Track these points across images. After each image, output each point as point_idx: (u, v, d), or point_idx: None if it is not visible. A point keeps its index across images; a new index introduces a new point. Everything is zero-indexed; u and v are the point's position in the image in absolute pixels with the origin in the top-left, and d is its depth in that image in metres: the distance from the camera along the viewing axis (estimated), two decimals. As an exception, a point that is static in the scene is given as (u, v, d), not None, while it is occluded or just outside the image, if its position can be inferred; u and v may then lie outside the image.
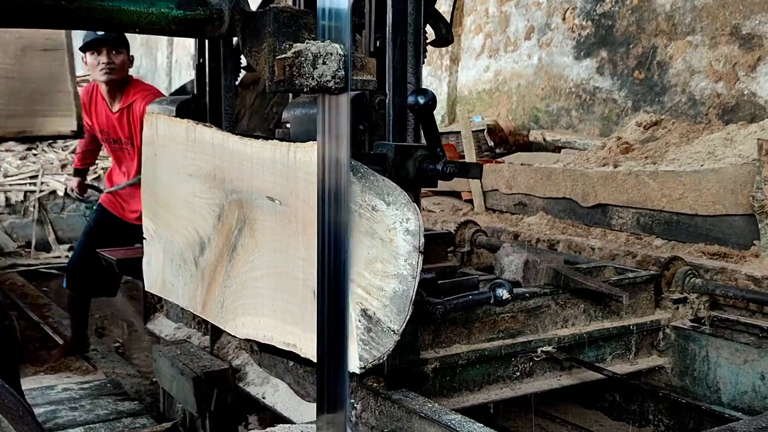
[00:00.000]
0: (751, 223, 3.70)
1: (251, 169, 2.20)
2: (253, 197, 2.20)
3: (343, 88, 1.56)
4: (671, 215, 4.14)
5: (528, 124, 6.65)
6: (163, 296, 2.88)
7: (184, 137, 2.58)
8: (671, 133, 5.02)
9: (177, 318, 4.26)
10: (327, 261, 1.71)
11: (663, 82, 5.51)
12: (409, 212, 1.87)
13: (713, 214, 3.95)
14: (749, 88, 4.87)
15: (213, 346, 3.58)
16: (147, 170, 2.88)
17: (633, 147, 4.99)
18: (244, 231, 2.26)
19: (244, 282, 2.28)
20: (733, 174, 3.85)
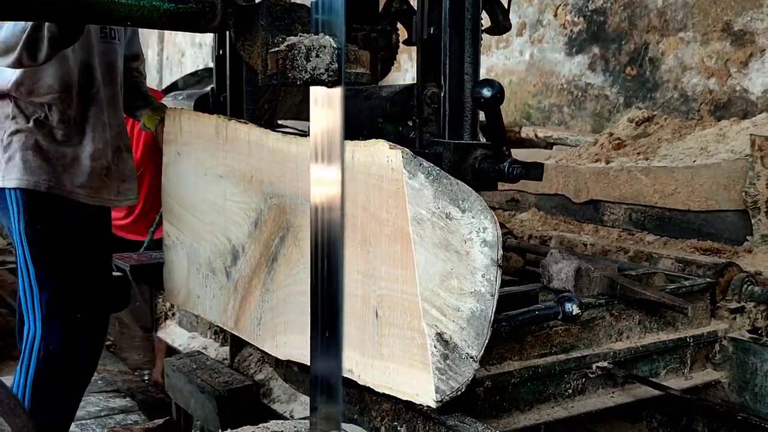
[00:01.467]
0: (743, 218, 3.69)
1: (296, 170, 1.95)
2: (298, 202, 1.96)
3: (337, 81, 1.55)
4: (663, 211, 4.12)
5: (520, 120, 6.58)
6: (187, 309, 2.63)
7: (213, 134, 2.33)
8: (663, 129, 4.98)
9: (191, 326, 4.01)
10: (320, 265, 1.66)
11: (655, 79, 5.44)
12: (486, 220, 1.63)
13: (706, 209, 3.92)
14: (741, 85, 4.89)
15: (233, 359, 3.33)
16: (169, 171, 2.63)
17: (625, 143, 4.94)
18: (287, 239, 2.01)
19: (287, 297, 2.03)
20: (725, 170, 3.82)
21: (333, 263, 1.64)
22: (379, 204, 1.68)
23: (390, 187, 1.65)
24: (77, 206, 2.91)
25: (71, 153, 2.85)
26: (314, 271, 1.66)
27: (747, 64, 4.85)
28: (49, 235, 2.82)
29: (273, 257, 2.08)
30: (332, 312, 1.66)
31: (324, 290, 1.66)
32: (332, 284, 1.65)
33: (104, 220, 3.19)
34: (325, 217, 1.64)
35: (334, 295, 1.65)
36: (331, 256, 1.64)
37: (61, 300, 2.87)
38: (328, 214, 1.64)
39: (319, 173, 1.64)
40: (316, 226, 1.64)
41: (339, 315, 1.64)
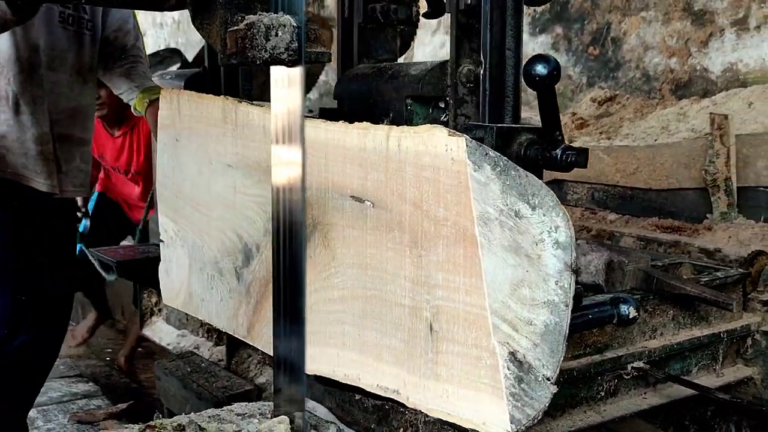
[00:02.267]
0: (703, 196, 3.76)
1: (325, 159, 1.70)
2: (327, 196, 1.71)
3: (297, 60, 1.51)
4: (625, 190, 4.15)
5: None
6: (188, 312, 2.37)
7: (219, 118, 2.06)
8: (625, 108, 5.02)
9: (180, 323, 3.74)
10: (282, 247, 1.59)
11: (617, 58, 5.42)
12: (558, 218, 1.40)
13: (667, 188, 3.96)
14: (701, 64, 4.93)
15: (230, 360, 3.08)
16: (165, 158, 2.36)
17: (588, 123, 4.97)
18: (314, 239, 1.76)
19: (314, 304, 1.79)
20: (686, 148, 3.88)
21: (295, 245, 1.59)
22: (434, 200, 1.44)
23: (449, 180, 1.41)
24: (38, 195, 2.71)
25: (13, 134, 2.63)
26: (276, 254, 1.60)
27: (707, 44, 4.87)
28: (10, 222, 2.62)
29: (296, 258, 1.83)
30: (295, 294, 1.61)
31: (287, 272, 1.60)
32: (295, 266, 1.60)
33: (69, 210, 3.01)
34: (287, 198, 1.58)
35: (297, 276, 1.60)
36: (293, 238, 1.59)
37: (26, 289, 2.68)
38: (289, 195, 1.58)
39: (280, 154, 1.57)
40: (277, 208, 1.59)
41: (302, 297, 1.60)
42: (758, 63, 4.53)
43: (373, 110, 2.13)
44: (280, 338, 1.65)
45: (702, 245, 3.35)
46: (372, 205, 1.59)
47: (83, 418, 3.29)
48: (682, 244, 3.46)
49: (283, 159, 1.58)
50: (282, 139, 1.58)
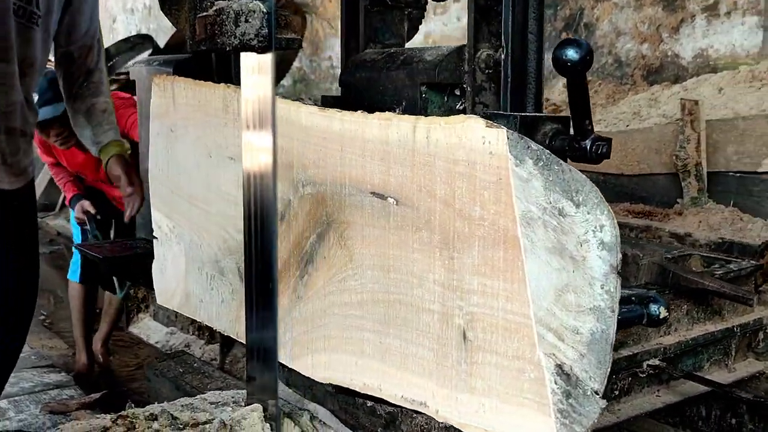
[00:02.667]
0: (674, 181, 3.80)
1: (341, 152, 1.57)
2: (344, 192, 1.58)
3: (267, 46, 1.49)
4: (597, 175, 4.14)
5: None
6: (186, 314, 2.24)
7: (220, 108, 1.92)
8: (598, 94, 5.07)
9: (168, 321, 3.60)
10: (254, 234, 1.57)
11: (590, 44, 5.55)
12: (603, 216, 1.29)
13: (638, 173, 4.00)
14: (673, 50, 5.01)
15: (224, 359, 2.95)
16: (158, 150, 2.22)
17: (561, 108, 4.96)
18: (328, 237, 1.64)
19: (328, 307, 1.66)
20: (657, 134, 3.91)
21: (267, 233, 1.56)
22: (469, 198, 1.32)
23: (487, 176, 1.29)
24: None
25: None
26: (248, 241, 1.57)
27: (678, 30, 4.94)
28: None
29: (307, 258, 1.70)
30: (267, 282, 1.58)
31: (258, 260, 1.57)
32: (266, 254, 1.57)
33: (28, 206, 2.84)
34: (258, 184, 1.55)
35: (269, 264, 1.57)
36: (264, 225, 1.56)
37: None
38: (260, 182, 1.55)
39: (251, 140, 1.55)
40: (248, 195, 1.57)
41: (274, 284, 1.57)
42: (728, 49, 4.56)
43: (384, 98, 2.00)
44: (252, 327, 1.62)
45: (673, 230, 3.36)
46: (396, 202, 1.46)
47: (55, 409, 3.17)
48: (653, 229, 3.47)
49: (255, 145, 1.55)
50: (253, 125, 1.55)
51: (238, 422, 1.65)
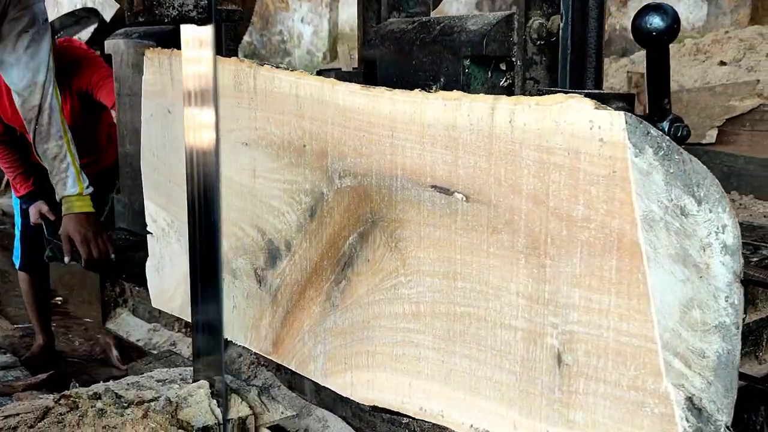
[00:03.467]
0: None
1: (392, 139, 1.33)
2: (395, 185, 1.34)
3: (207, 18, 1.44)
4: None
5: None
6: (187, 319, 1.98)
7: (230, 85, 1.66)
8: None
9: (150, 316, 3.31)
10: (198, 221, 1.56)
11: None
12: (724, 214, 1.08)
13: None
14: (620, 23, 5.10)
15: None
16: (152, 133, 1.95)
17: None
18: (374, 238, 1.40)
19: (372, 318, 1.43)
20: None
21: (211, 210, 1.54)
22: (568, 195, 1.09)
23: (595, 168, 1.06)
24: None
25: None
26: (192, 219, 1.56)
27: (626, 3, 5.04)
28: None
29: (346, 261, 1.46)
30: (212, 258, 1.56)
31: (202, 237, 1.56)
32: (210, 232, 1.55)
33: None
34: (201, 162, 1.52)
35: (213, 241, 1.56)
36: (208, 203, 1.54)
37: None
38: (203, 159, 1.52)
39: (193, 116, 1.50)
40: (191, 173, 1.54)
41: (218, 261, 1.57)
42: (675, 22, 4.66)
43: (416, 74, 1.76)
44: (198, 304, 1.61)
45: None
46: (465, 198, 1.23)
47: (1, 390, 2.93)
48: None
49: (196, 121, 1.50)
50: (194, 101, 1.50)
51: (184, 399, 1.65)
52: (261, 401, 1.79)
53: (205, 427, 1.62)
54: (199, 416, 1.63)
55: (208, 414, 1.63)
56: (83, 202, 2.51)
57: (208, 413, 1.63)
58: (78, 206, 2.48)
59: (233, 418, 1.67)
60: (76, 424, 1.54)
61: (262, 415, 1.75)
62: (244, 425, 1.70)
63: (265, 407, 1.76)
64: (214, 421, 1.63)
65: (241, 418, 1.69)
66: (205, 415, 1.63)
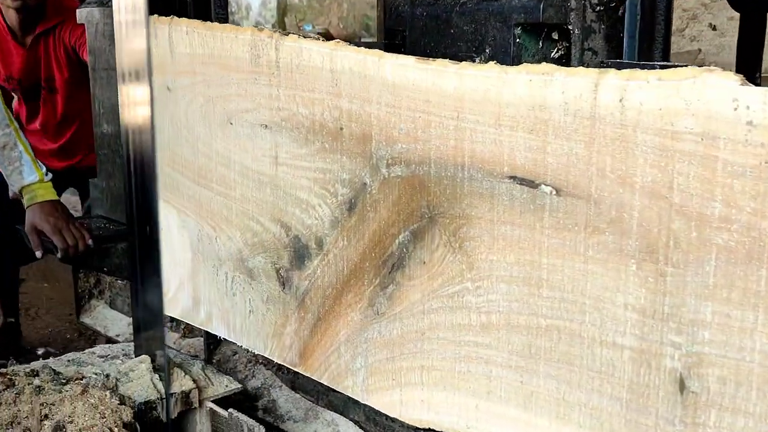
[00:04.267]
0: None
1: (458, 121, 1.12)
2: (461, 175, 1.14)
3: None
4: None
5: (359, 32, 6.37)
6: (193, 323, 1.76)
7: (246, 59, 1.44)
8: None
9: (129, 309, 3.07)
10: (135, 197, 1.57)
11: None
12: None
13: None
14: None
15: (210, 357, 2.49)
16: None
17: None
18: (431, 236, 1.19)
19: (428, 329, 1.23)
20: None
21: (148, 185, 1.54)
22: (700, 189, 0.90)
23: (740, 158, 0.87)
24: None
25: None
26: (129, 196, 1.57)
27: None
28: None
29: (394, 263, 1.26)
30: (151, 237, 1.56)
31: (139, 212, 1.56)
32: (148, 206, 1.55)
33: None
34: (137, 139, 1.52)
35: (151, 215, 1.56)
36: (145, 178, 1.54)
37: None
38: (139, 137, 1.52)
39: (127, 93, 1.52)
40: (128, 150, 1.55)
41: (156, 236, 1.56)
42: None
43: (456, 44, 1.55)
44: (137, 277, 1.60)
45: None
46: (555, 191, 1.03)
47: None
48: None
49: (131, 98, 1.49)
50: (129, 76, 1.48)
51: (125, 374, 1.66)
52: (205, 375, 1.79)
53: (147, 402, 1.63)
54: (140, 391, 1.64)
55: (150, 389, 1.65)
56: (46, 190, 2.27)
57: (150, 388, 1.65)
58: (41, 194, 2.23)
59: (176, 392, 1.68)
60: (13, 402, 1.51)
61: (206, 389, 1.75)
62: (188, 399, 1.71)
63: (210, 381, 1.77)
64: (156, 396, 1.64)
65: (184, 392, 1.69)
66: (146, 389, 1.64)
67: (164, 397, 1.65)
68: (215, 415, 1.73)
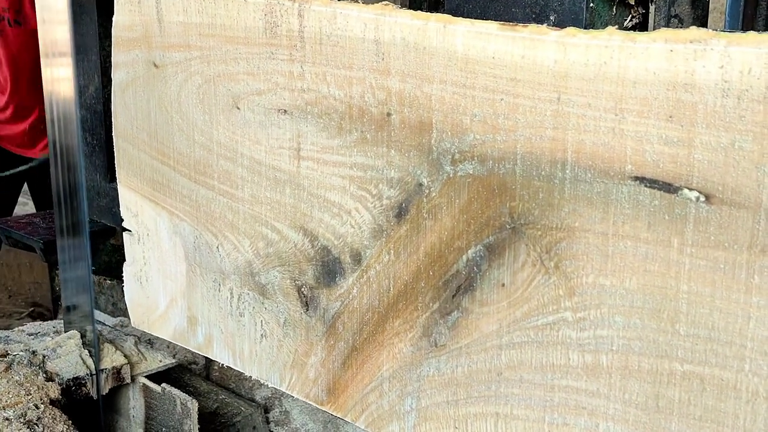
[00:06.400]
0: None
1: (558, 104, 0.86)
2: (559, 175, 0.88)
3: None
4: None
5: None
6: (188, 347, 1.48)
7: (259, 28, 1.16)
8: None
9: (116, 309, 2.83)
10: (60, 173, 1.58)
11: None
12: None
13: None
14: None
15: (209, 365, 2.27)
16: (130, 97, 1.43)
17: None
18: (514, 253, 0.93)
19: (506, 368, 0.97)
20: None
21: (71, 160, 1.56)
22: None
23: None
24: None
25: None
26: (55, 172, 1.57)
27: None
28: None
29: (461, 285, 1.00)
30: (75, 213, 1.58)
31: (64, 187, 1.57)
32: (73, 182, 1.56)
33: None
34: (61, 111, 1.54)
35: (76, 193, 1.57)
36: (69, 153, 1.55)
37: None
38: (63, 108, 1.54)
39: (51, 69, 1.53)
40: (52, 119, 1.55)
41: (82, 213, 1.59)
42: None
43: (511, 11, 1.28)
44: (65, 253, 1.62)
45: None
46: (703, 198, 0.77)
47: None
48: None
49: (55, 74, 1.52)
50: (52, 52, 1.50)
51: (53, 350, 1.65)
52: (138, 350, 1.77)
53: (76, 378, 1.62)
54: (68, 367, 1.63)
55: (79, 365, 1.63)
56: None
57: (78, 364, 1.64)
58: None
59: (107, 368, 1.66)
60: (-66, 382, 1.45)
61: (138, 364, 1.74)
62: (119, 374, 1.69)
63: (143, 356, 1.76)
64: (85, 372, 1.63)
65: (115, 368, 1.68)
66: (75, 366, 1.63)
67: (94, 373, 1.63)
68: (148, 390, 1.71)
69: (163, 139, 1.38)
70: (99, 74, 2.17)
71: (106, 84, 2.11)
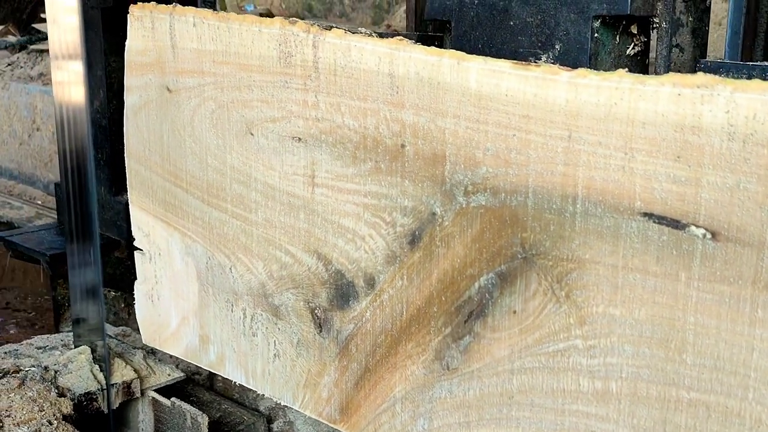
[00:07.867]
0: None
1: (569, 142, 0.90)
2: (570, 210, 0.91)
3: None
4: None
5: (302, 12, 6.43)
6: (200, 365, 1.51)
7: (273, 57, 1.19)
8: None
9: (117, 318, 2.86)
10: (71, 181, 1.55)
11: None
12: None
13: None
14: None
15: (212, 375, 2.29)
16: (141, 119, 1.46)
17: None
18: (525, 282, 0.97)
19: (517, 392, 1.01)
20: None
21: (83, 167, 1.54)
22: None
23: None
24: None
25: None
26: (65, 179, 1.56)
27: None
28: None
29: (473, 310, 1.03)
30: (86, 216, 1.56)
31: (76, 196, 1.56)
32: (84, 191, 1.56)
33: None
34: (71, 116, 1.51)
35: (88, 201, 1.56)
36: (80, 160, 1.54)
37: None
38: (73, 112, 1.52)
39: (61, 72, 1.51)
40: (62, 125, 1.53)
41: (93, 224, 1.57)
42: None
43: (516, 40, 1.32)
44: (75, 267, 1.60)
45: None
46: (709, 235, 0.81)
47: None
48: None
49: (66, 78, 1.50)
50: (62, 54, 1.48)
51: (64, 366, 1.65)
52: (147, 364, 1.78)
53: (87, 393, 1.63)
54: (80, 382, 1.64)
55: (90, 380, 1.65)
56: None
57: (90, 379, 1.65)
58: None
59: (117, 383, 1.68)
60: (-51, 397, 1.47)
61: (148, 378, 1.76)
62: (129, 389, 1.72)
63: (152, 370, 1.78)
64: (96, 387, 1.64)
65: (125, 382, 1.70)
66: (86, 380, 1.64)
67: (105, 388, 1.64)
68: (157, 404, 1.73)
69: (176, 161, 1.41)
70: (104, 89, 2.19)
71: (111, 99, 2.14)
